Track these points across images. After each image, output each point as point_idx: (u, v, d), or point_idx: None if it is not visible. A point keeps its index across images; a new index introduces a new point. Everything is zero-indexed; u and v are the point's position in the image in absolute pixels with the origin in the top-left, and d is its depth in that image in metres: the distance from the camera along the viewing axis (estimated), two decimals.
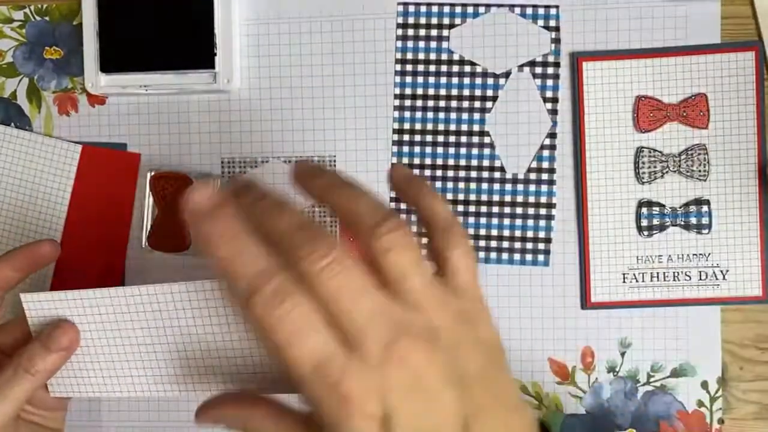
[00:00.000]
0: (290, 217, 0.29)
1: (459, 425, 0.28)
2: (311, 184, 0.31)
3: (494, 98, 0.48)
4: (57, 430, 0.43)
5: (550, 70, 0.47)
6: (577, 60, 0.47)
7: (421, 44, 0.48)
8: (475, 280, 0.31)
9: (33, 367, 0.38)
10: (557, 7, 0.47)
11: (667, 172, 0.47)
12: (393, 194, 0.48)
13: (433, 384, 0.28)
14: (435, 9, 0.48)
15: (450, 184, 0.48)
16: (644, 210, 0.47)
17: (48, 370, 0.38)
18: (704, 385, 0.47)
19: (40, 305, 0.38)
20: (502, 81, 0.48)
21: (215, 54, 0.47)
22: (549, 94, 0.47)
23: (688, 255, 0.47)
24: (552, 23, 0.47)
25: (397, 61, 0.48)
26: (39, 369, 0.38)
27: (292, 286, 0.27)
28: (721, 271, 0.47)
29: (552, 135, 0.47)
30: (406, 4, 0.48)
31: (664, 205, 0.47)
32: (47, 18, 0.50)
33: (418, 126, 0.48)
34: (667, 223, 0.47)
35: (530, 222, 0.48)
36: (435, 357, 0.28)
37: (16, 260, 0.43)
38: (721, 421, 0.47)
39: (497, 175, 0.48)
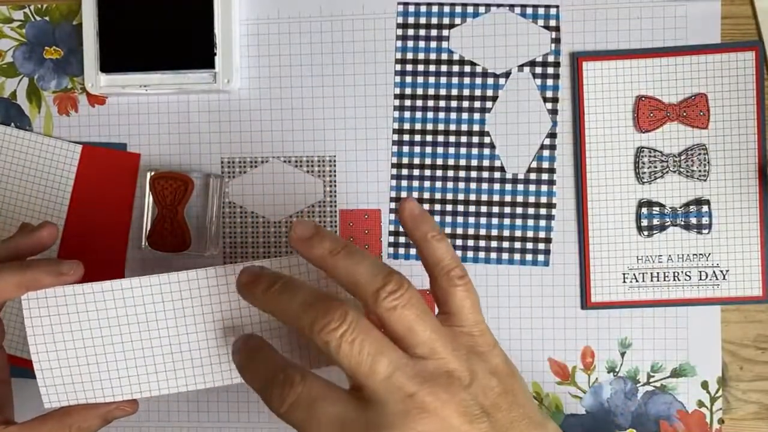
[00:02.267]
0: (299, 296, 0.32)
1: None
2: (310, 253, 0.33)
3: (494, 98, 0.48)
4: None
5: (550, 70, 0.47)
6: (577, 60, 0.47)
7: (421, 44, 0.48)
8: (479, 316, 0.34)
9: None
10: (557, 6, 0.47)
11: (667, 172, 0.47)
12: (393, 205, 0.48)
13: (458, 422, 0.30)
14: (435, 9, 0.48)
15: (450, 184, 0.48)
16: (644, 210, 0.47)
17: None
18: (704, 385, 0.47)
19: (38, 303, 0.37)
20: (502, 81, 0.47)
21: (215, 54, 0.47)
22: (549, 94, 0.47)
23: (688, 255, 0.47)
24: (552, 23, 0.47)
25: (397, 61, 0.48)
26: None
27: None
28: (721, 271, 0.47)
29: (552, 135, 0.47)
30: (406, 4, 0.48)
31: (664, 205, 0.47)
32: (47, 18, 0.50)
33: (418, 126, 0.48)
34: (667, 223, 0.47)
35: (530, 222, 0.48)
36: (455, 398, 0.30)
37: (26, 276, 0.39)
38: (721, 421, 0.47)
39: (497, 175, 0.48)
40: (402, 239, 0.48)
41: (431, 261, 0.34)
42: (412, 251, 0.48)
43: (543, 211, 0.48)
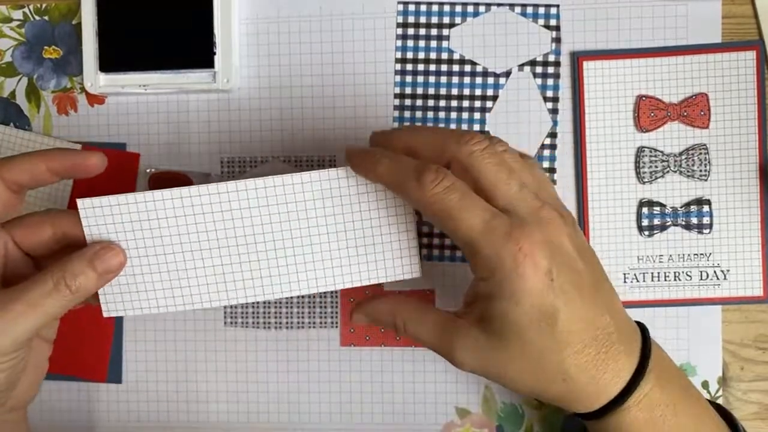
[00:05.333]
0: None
1: (592, 287, 0.34)
2: (393, 134, 0.37)
3: (494, 98, 0.47)
4: (51, 341, 0.41)
5: (551, 70, 0.47)
6: (577, 59, 0.47)
7: (421, 44, 0.48)
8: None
9: (75, 284, 0.35)
10: (558, 6, 0.47)
11: (667, 171, 0.47)
12: None
13: (569, 248, 0.34)
14: (435, 8, 0.48)
15: None
16: (645, 210, 0.47)
17: (89, 290, 0.36)
18: (705, 385, 0.47)
19: (95, 212, 0.36)
20: (502, 80, 0.47)
21: (214, 53, 0.47)
22: (549, 93, 0.47)
23: (688, 255, 0.47)
24: (552, 22, 0.47)
25: (397, 61, 0.48)
26: (81, 287, 0.35)
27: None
28: (722, 271, 0.46)
29: (552, 135, 0.47)
30: (406, 4, 0.48)
31: (664, 205, 0.47)
32: (46, 17, 0.50)
33: None
34: (668, 223, 0.47)
35: None
36: (566, 227, 0.34)
37: (54, 160, 0.38)
38: None
39: None
40: None
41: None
42: None
43: None
